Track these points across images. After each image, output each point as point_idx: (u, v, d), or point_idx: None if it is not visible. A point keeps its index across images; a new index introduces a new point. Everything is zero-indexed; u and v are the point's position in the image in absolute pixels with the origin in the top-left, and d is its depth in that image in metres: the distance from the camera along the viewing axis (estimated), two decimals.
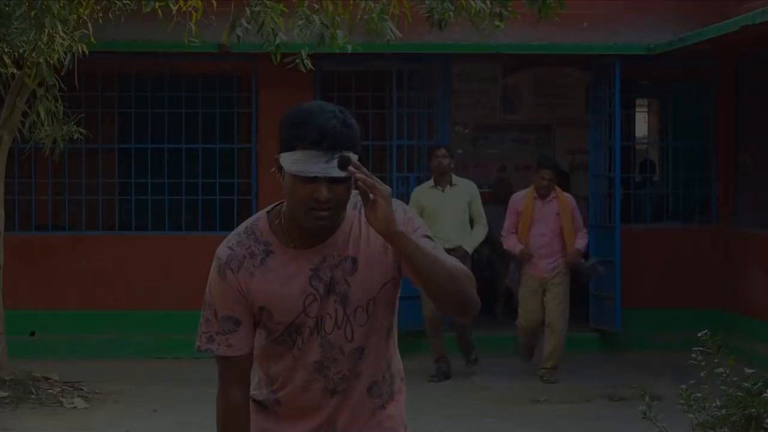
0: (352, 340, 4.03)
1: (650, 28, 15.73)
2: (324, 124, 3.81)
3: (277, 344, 4.08)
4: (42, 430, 11.36)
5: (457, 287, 3.90)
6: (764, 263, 14.96)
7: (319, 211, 3.84)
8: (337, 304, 3.99)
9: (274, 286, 3.98)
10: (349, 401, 4.10)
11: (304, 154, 3.79)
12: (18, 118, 12.88)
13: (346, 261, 4.00)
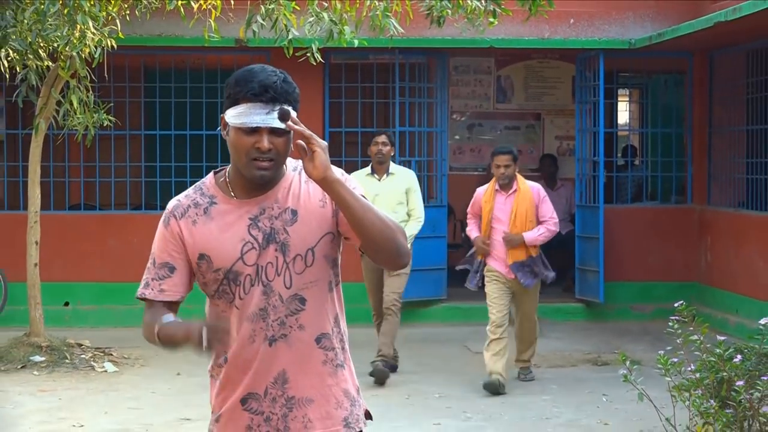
0: (290, 287, 4.01)
1: (631, 25, 15.73)
2: (266, 79, 3.91)
3: (219, 299, 4.08)
4: (76, 391, 11.37)
5: (390, 234, 3.95)
6: (735, 240, 14.97)
7: (260, 161, 3.91)
8: (277, 252, 4.00)
9: (214, 233, 4.01)
10: (295, 351, 4.04)
11: (246, 107, 3.89)
12: (53, 107, 12.88)
13: (285, 212, 4.02)
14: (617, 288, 15.43)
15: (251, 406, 4.04)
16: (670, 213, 16.48)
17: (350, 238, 4.04)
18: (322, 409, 4.08)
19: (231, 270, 4.00)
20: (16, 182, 15.35)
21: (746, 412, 7.54)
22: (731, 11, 12.78)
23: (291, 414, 4.04)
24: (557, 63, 16.99)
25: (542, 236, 11.34)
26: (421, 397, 10.80)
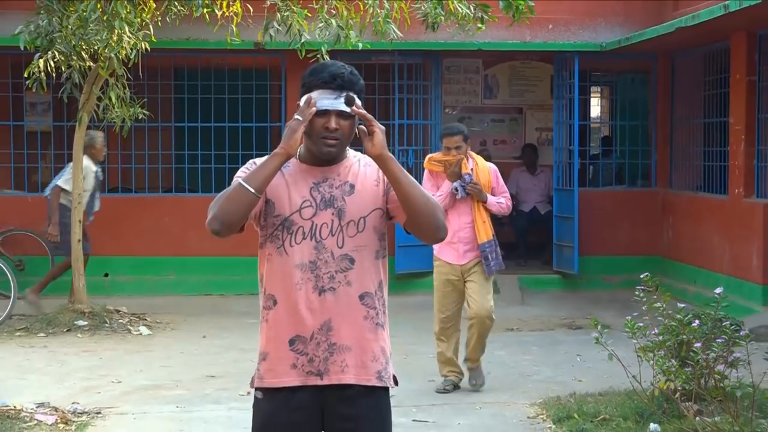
0: (342, 246, 4.13)
1: (602, 30, 15.72)
2: (335, 70, 4.14)
3: (272, 241, 4.16)
4: (114, 352, 11.38)
5: (431, 209, 4.11)
6: (693, 219, 14.97)
7: (328, 139, 4.10)
8: (334, 216, 4.14)
9: (282, 185, 4.18)
10: (343, 304, 4.12)
11: (318, 93, 4.07)
12: (93, 102, 12.87)
13: (345, 185, 4.18)
14: (590, 261, 15.43)
15: (298, 347, 4.12)
16: (636, 195, 16.50)
17: (396, 216, 4.20)
18: (358, 359, 4.15)
19: (288, 218, 4.14)
20: (62, 168, 15.32)
21: (703, 371, 7.55)
22: (690, 18, 12.80)
23: (331, 358, 4.11)
24: (537, 63, 16.95)
25: (501, 204, 9.46)
26: (416, 357, 10.80)
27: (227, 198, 4.04)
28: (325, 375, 4.11)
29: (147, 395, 9.47)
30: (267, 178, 4.04)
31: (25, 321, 12.71)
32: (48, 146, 16.00)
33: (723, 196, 14.18)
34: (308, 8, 12.24)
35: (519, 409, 8.86)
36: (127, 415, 8.75)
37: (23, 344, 11.80)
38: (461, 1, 12.42)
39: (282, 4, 12.21)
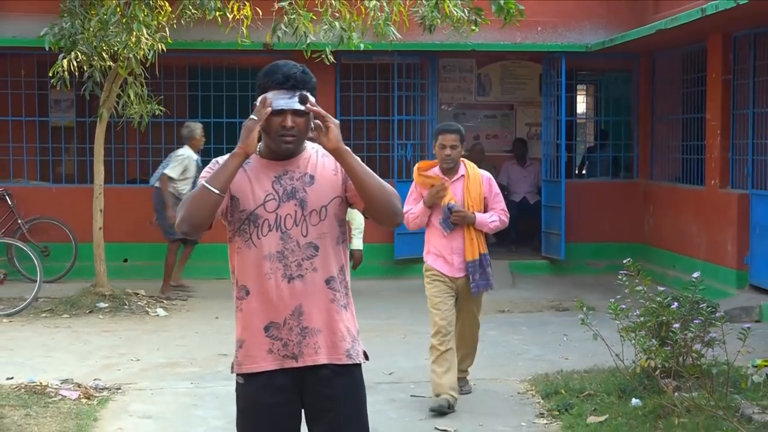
0: (306, 235, 4.10)
1: (588, 32, 15.70)
2: (288, 71, 4.08)
3: (240, 234, 4.14)
4: (133, 332, 11.40)
5: (387, 196, 4.09)
6: (672, 208, 14.98)
7: (286, 137, 4.08)
8: (297, 207, 4.10)
9: (245, 181, 4.15)
10: (310, 289, 4.09)
11: (273, 93, 4.03)
12: (113, 99, 12.88)
13: (305, 176, 4.15)
14: (576, 248, 15.43)
15: (272, 333, 4.10)
16: (619, 186, 16.50)
17: (355, 203, 4.17)
18: (329, 340, 4.12)
19: (253, 213, 4.11)
20: (84, 161, 15.34)
21: (681, 350, 7.55)
22: (670, 20, 12.81)
23: (305, 341, 4.09)
24: (527, 63, 16.93)
25: (494, 224, 8.16)
26: (414, 336, 10.81)
27: (193, 200, 4.03)
28: (300, 357, 4.09)
29: (164, 372, 9.49)
30: (228, 178, 4.01)
31: (50, 303, 12.73)
32: (71, 140, 16.04)
33: (700, 187, 14.19)
34: (313, 11, 12.28)
35: (510, 385, 8.87)
36: (145, 390, 8.76)
37: (48, 325, 11.83)
38: (456, 5, 12.45)
39: (289, 7, 12.23)
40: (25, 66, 15.39)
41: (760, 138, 12.79)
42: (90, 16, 11.98)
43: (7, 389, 8.35)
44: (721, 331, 7.35)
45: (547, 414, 7.93)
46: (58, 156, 16.07)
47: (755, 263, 12.66)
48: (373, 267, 14.45)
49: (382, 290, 13.14)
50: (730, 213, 13.07)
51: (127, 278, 14.07)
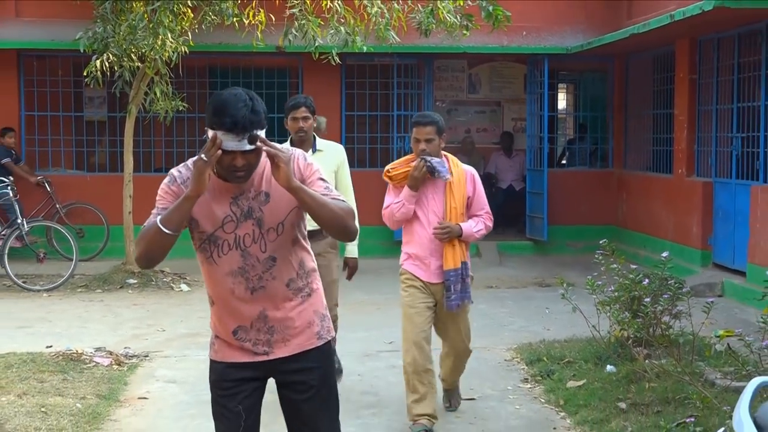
0: (265, 251, 3.92)
1: (568, 36, 15.67)
2: (235, 114, 3.70)
3: (201, 251, 3.99)
4: (159, 305, 11.41)
5: (339, 222, 3.91)
6: (643, 194, 14.98)
7: (237, 173, 3.80)
8: (254, 226, 3.90)
9: (204, 203, 3.88)
10: (272, 295, 3.95)
11: (222, 135, 3.70)
12: (141, 96, 12.89)
13: (260, 194, 3.91)
14: (557, 230, 15.43)
15: (240, 335, 3.97)
16: (596, 175, 16.49)
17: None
18: (297, 329, 4.00)
19: (212, 234, 3.92)
20: (115, 152, 15.34)
21: (651, 321, 7.55)
22: (642, 26, 12.79)
23: (273, 338, 3.97)
24: (513, 64, 16.89)
25: (480, 233, 6.50)
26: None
27: (148, 241, 3.85)
28: (271, 352, 3.98)
29: (186, 342, 9.50)
30: (182, 219, 3.80)
31: (84, 279, 12.75)
32: (103, 133, 16.05)
33: (668, 175, 14.19)
34: (321, 17, 12.30)
35: (497, 353, 8.88)
36: (170, 358, 8.78)
37: (83, 299, 11.84)
38: (449, 11, 12.50)
39: (299, 14, 12.25)
40: (62, 66, 15.38)
41: (722, 131, 12.80)
42: (120, 21, 11.97)
43: (46, 357, 8.36)
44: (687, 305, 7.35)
45: (530, 379, 7.94)
46: (92, 147, 16.08)
47: (718, 244, 12.67)
48: (374, 247, 14.45)
49: (382, 268, 13.12)
50: (696, 199, 13.07)
51: None
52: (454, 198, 6.34)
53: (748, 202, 11.62)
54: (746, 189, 11.79)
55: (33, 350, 8.66)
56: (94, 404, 7.05)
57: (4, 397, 7.08)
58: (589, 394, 7.13)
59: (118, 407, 7.13)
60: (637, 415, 6.52)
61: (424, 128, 6.33)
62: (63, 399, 7.09)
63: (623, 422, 6.44)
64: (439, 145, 6.38)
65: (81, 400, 7.09)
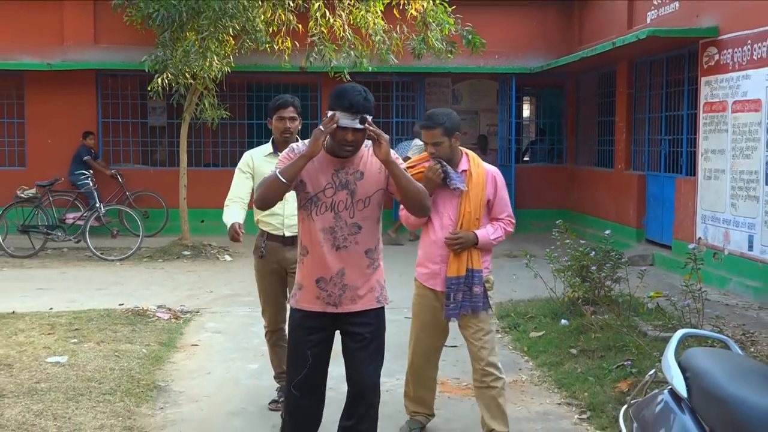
0: (353, 217, 3.95)
1: (531, 58, 15.62)
2: (353, 98, 3.78)
3: (303, 209, 4.00)
4: (208, 272, 11.41)
5: (421, 196, 3.99)
6: (590, 184, 14.97)
7: (346, 147, 3.87)
8: (348, 195, 3.94)
9: (312, 170, 3.94)
10: (352, 258, 3.98)
11: (341, 113, 3.78)
12: (193, 106, 12.88)
13: (357, 173, 3.96)
14: (523, 213, 15.30)
15: (321, 285, 3.99)
16: (553, 169, 16.45)
17: (394, 195, 4.02)
18: (363, 291, 4.02)
19: (314, 196, 3.95)
20: (173, 150, 15.34)
21: (596, 285, 7.56)
22: (590, 51, 12.80)
23: (344, 295, 3.99)
24: (487, 81, 16.83)
25: (498, 240, 4.97)
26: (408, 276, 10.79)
27: (267, 186, 3.86)
28: (339, 306, 3.99)
29: (229, 300, 9.50)
30: (296, 173, 3.81)
31: (148, 251, 12.76)
32: (163, 136, 16.05)
33: (610, 170, 14.18)
34: (335, 44, 12.35)
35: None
36: (216, 313, 8.79)
37: (148, 267, 11.85)
38: (437, 39, 12.60)
39: (318, 41, 12.32)
40: (131, 83, 15.35)
41: (654, 135, 12.79)
42: (176, 47, 11.98)
43: (119, 312, 8.38)
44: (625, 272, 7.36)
45: (500, 330, 7.92)
46: (154, 147, 16.08)
47: (649, 224, 12.67)
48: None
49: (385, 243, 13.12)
50: (632, 188, 13.06)
51: (203, 234, 14.07)
52: (470, 203, 4.80)
53: (674, 191, 11.61)
54: (672, 180, 11.78)
55: (108, 307, 8.68)
56: (157, 350, 7.06)
57: (86, 344, 7.09)
58: (547, 343, 7.14)
59: (175, 352, 7.15)
60: (585, 359, 6.53)
61: (430, 131, 4.79)
62: (132, 346, 7.11)
63: (574, 365, 6.45)
64: (451, 146, 4.80)
65: (146, 347, 7.11)
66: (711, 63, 10.52)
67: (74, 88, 15.06)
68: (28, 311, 8.47)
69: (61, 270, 11.59)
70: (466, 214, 4.79)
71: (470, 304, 4.78)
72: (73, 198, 13.90)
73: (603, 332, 6.95)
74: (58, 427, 5.13)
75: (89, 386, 5.91)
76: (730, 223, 9.99)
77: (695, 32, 10.69)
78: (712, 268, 9.89)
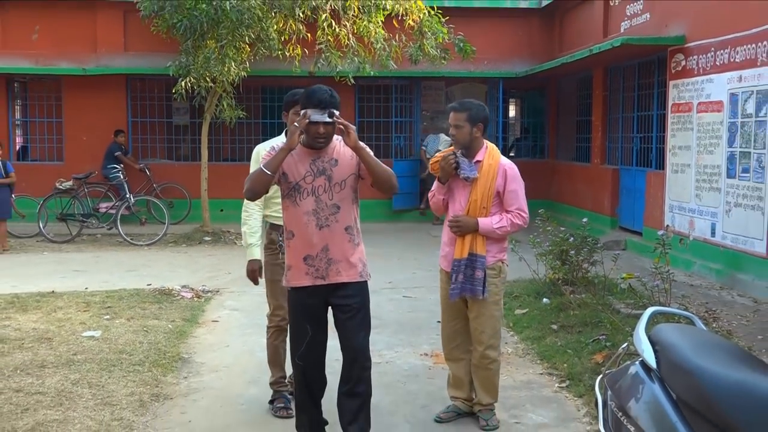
0: (332, 199, 4.03)
1: (517, 64, 15.57)
2: (321, 96, 3.91)
3: (287, 198, 4.07)
4: (226, 255, 11.40)
5: (387, 177, 4.03)
6: (568, 177, 14.94)
7: (319, 139, 3.98)
8: (325, 180, 4.03)
9: (292, 163, 4.05)
10: (334, 234, 4.04)
11: (311, 111, 3.90)
12: (213, 107, 12.85)
13: (331, 160, 4.05)
14: None
15: (308, 261, 4.04)
16: (537, 163, 16.39)
17: (365, 178, 4.07)
18: (345, 264, 4.06)
19: (296, 184, 4.03)
20: (195, 147, 15.29)
21: (575, 267, 7.56)
22: (569, 57, 12.74)
23: (330, 268, 4.04)
24: (477, 84, 16.76)
25: (502, 229, 4.66)
26: (405, 260, 10.80)
27: (254, 179, 3.94)
28: (327, 278, 4.03)
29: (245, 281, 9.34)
30: (278, 164, 3.92)
31: (173, 237, 12.74)
32: (187, 133, 16.00)
33: (587, 164, 14.15)
34: (341, 51, 12.31)
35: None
36: (234, 293, 8.78)
37: (173, 251, 11.85)
38: (432, 47, 12.58)
39: (325, 48, 12.31)
40: (157, 86, 15.31)
41: (626, 133, 12.76)
42: (198, 54, 11.95)
43: (147, 291, 8.38)
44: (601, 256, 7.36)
45: None
46: (178, 144, 16.03)
47: (622, 213, 12.65)
48: (378, 214, 14.46)
49: (384, 230, 13.13)
50: (606, 181, 13.04)
51: (222, 222, 14.06)
52: (477, 191, 4.60)
53: (644, 183, 11.60)
54: (643, 173, 11.76)
55: (137, 287, 8.68)
56: (181, 325, 7.06)
57: (118, 320, 7.09)
58: (531, 319, 7.14)
59: (197, 327, 7.15)
60: (564, 333, 6.53)
61: (456, 114, 4.68)
62: (159, 321, 7.11)
63: (555, 339, 6.45)
64: (471, 134, 4.64)
65: (171, 322, 7.11)
66: (678, 68, 10.50)
67: (107, 90, 15.03)
68: (66, 291, 8.48)
69: (95, 254, 11.59)
70: (473, 202, 4.61)
71: (470, 286, 4.60)
72: (106, 189, 13.90)
73: (580, 310, 6.95)
74: (93, 394, 5.14)
75: (120, 358, 5.92)
76: (695, 212, 9.98)
77: (664, 41, 10.66)
78: (679, 252, 9.89)
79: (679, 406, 2.32)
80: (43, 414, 4.76)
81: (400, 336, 6.71)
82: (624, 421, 2.54)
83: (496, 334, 4.70)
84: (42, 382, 5.34)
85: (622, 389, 2.64)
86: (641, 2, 11.83)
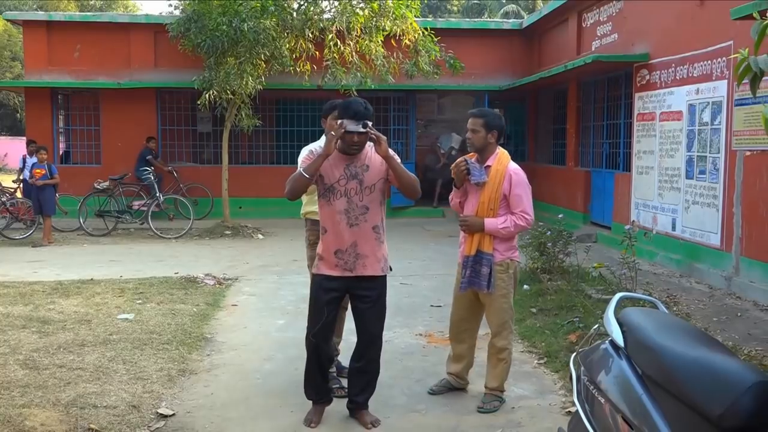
0: (362, 200, 4.02)
1: (501, 78, 15.55)
2: (357, 108, 3.90)
3: (323, 197, 4.05)
4: (245, 247, 11.38)
5: (414, 184, 4.03)
6: (546, 178, 14.90)
7: (353, 146, 3.97)
8: (357, 184, 4.01)
9: (328, 167, 4.02)
10: (363, 232, 4.03)
11: (347, 121, 3.89)
12: (233, 117, 12.82)
13: (363, 166, 4.03)
14: None
15: (338, 255, 4.05)
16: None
17: (393, 183, 4.07)
18: (372, 259, 4.08)
19: (331, 186, 4.02)
20: (217, 152, 15.22)
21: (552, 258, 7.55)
22: (547, 72, 12.75)
23: (357, 262, 4.05)
24: (465, 96, 16.76)
25: (506, 229, 4.38)
26: (403, 251, 10.79)
27: (294, 181, 3.94)
28: (354, 271, 4.04)
29: (262, 270, 9.49)
30: (316, 169, 3.91)
31: (198, 231, 12.73)
32: (209, 140, 15.95)
33: (563, 167, 14.13)
34: (345, 67, 12.29)
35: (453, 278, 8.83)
36: (252, 280, 8.76)
37: (197, 243, 11.82)
38: (426, 63, 12.57)
39: (331, 64, 12.28)
40: (183, 98, 15.28)
41: (597, 139, 12.74)
42: (220, 69, 11.94)
43: (175, 279, 8.36)
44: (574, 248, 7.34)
45: None
46: (202, 149, 15.98)
47: (593, 209, 12.64)
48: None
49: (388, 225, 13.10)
50: (579, 181, 13.03)
51: (241, 218, 14.06)
52: (485, 194, 4.42)
53: (613, 183, 11.59)
54: (612, 175, 11.75)
55: (166, 275, 8.66)
56: (204, 309, 7.05)
57: (149, 304, 7.08)
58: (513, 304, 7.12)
59: (219, 311, 7.14)
60: (542, 316, 6.52)
61: (475, 119, 4.55)
62: (185, 305, 7.10)
63: (534, 321, 6.44)
64: (486, 139, 4.51)
65: (196, 306, 7.10)
66: (643, 82, 10.48)
67: (139, 102, 15.01)
68: (103, 278, 8.46)
69: (129, 246, 11.58)
70: (481, 204, 4.42)
71: (477, 281, 4.45)
72: (138, 189, 13.90)
73: (557, 295, 6.95)
74: (126, 370, 5.13)
75: (151, 337, 5.91)
76: (658, 209, 9.98)
77: (630, 58, 10.64)
78: (644, 244, 9.88)
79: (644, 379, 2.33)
80: (83, 387, 4.76)
81: (397, 318, 6.70)
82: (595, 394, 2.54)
83: (503, 324, 4.51)
84: (82, 359, 5.33)
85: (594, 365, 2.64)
86: (610, 24, 11.81)
